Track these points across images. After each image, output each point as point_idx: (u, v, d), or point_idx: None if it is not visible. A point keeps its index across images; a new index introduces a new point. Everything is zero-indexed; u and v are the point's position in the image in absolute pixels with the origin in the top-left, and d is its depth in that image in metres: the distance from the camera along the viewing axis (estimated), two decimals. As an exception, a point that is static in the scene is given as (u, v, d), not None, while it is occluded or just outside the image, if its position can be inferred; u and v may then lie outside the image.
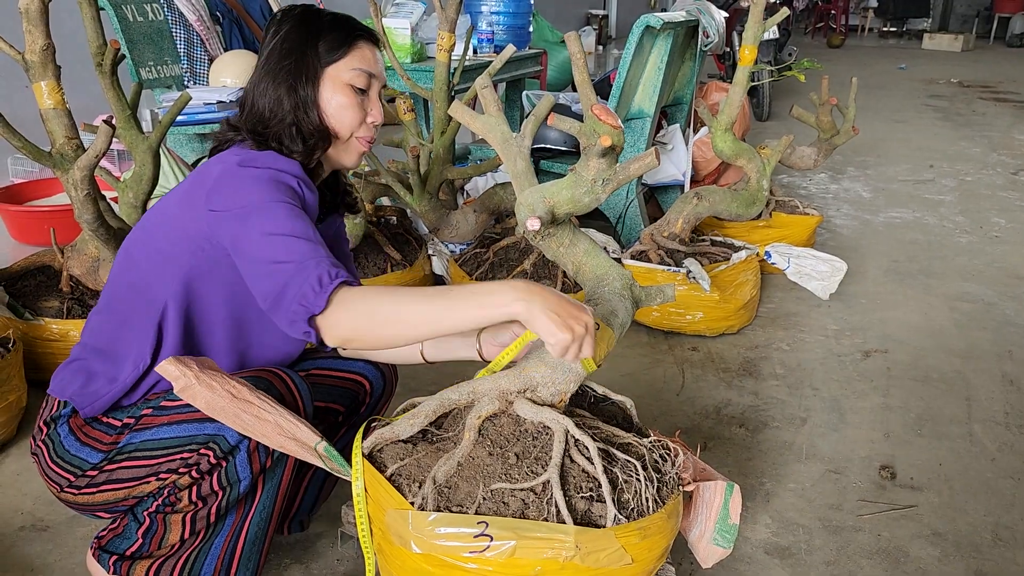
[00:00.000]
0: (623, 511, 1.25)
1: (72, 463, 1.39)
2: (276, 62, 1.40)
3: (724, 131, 2.81)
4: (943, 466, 2.00)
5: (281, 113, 1.39)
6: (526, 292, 1.15)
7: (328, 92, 1.40)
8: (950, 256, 3.52)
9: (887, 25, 15.49)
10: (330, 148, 1.44)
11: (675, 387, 2.38)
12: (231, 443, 1.29)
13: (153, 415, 1.35)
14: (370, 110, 1.44)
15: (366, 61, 1.42)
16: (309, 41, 1.39)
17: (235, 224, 1.25)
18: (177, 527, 1.36)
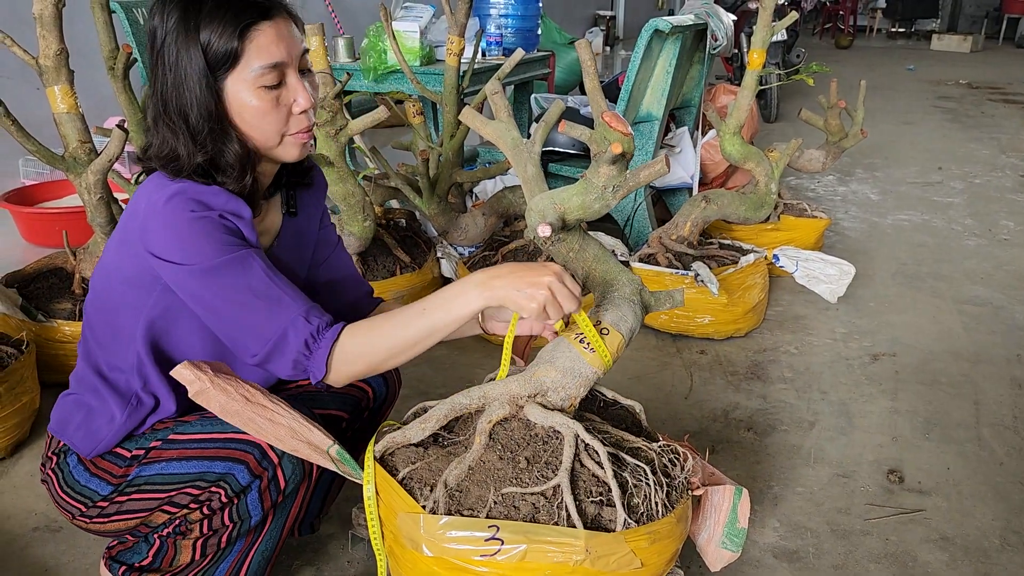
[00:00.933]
0: (633, 515, 1.26)
1: (82, 493, 1.37)
2: (162, 90, 1.21)
3: (732, 134, 2.82)
4: (951, 470, 2.00)
5: (188, 151, 1.21)
6: (484, 284, 1.20)
7: (235, 106, 1.21)
8: (959, 259, 3.52)
9: (895, 26, 15.44)
10: (262, 160, 1.30)
11: (683, 390, 2.38)
12: (242, 484, 1.29)
13: (162, 448, 1.33)
14: (294, 100, 1.24)
15: (268, 51, 1.19)
16: (191, 52, 1.17)
17: (191, 281, 1.19)
18: (188, 551, 1.38)
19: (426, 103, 3.76)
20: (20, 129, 2.06)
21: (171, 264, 1.18)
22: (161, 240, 1.18)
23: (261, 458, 1.30)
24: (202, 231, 1.17)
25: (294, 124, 1.26)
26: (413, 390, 2.34)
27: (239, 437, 1.30)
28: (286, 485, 1.33)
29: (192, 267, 1.17)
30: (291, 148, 1.28)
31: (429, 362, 2.54)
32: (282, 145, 1.27)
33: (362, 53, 3.29)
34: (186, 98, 1.19)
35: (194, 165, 1.21)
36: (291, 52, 1.21)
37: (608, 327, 1.35)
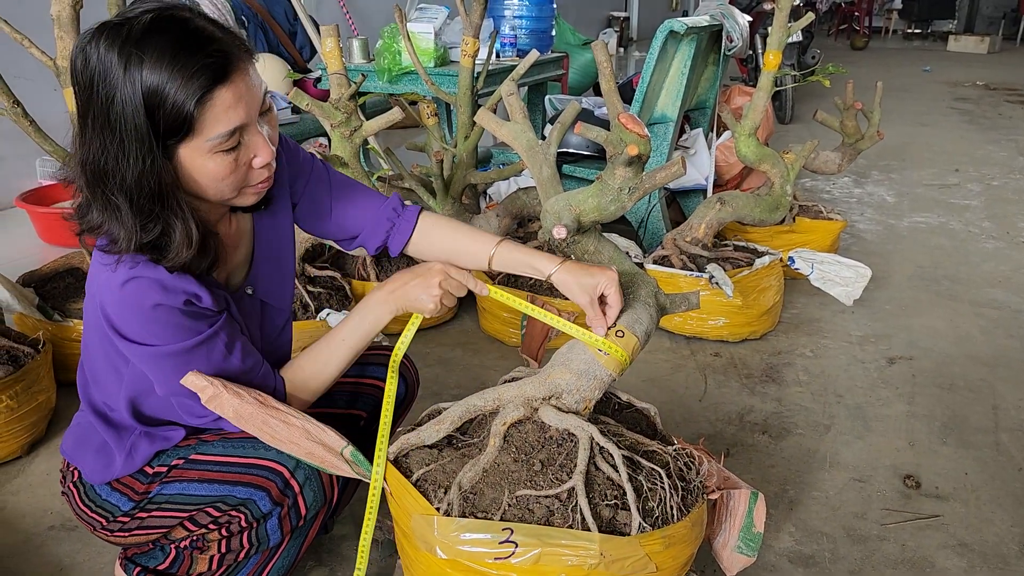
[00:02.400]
0: (648, 519, 1.25)
1: (104, 507, 1.37)
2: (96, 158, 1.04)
3: (748, 136, 2.80)
4: (969, 475, 1.98)
5: (128, 233, 1.08)
6: (385, 300, 1.35)
7: (188, 172, 1.09)
8: (976, 262, 3.49)
9: (911, 27, 15.35)
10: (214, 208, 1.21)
11: (697, 393, 2.37)
12: (263, 511, 1.30)
13: (184, 467, 1.33)
14: (255, 155, 1.13)
15: (226, 118, 1.05)
16: (134, 116, 1.01)
17: (152, 363, 1.19)
18: (204, 563, 1.39)
19: (440, 104, 3.77)
20: (38, 130, 2.07)
21: (132, 344, 1.17)
22: (124, 324, 1.15)
23: (283, 487, 1.30)
24: (166, 319, 1.14)
25: (254, 177, 1.16)
26: (427, 391, 2.34)
27: (261, 463, 1.30)
28: (307, 512, 1.34)
29: (154, 348, 1.17)
30: (248, 197, 1.19)
31: (442, 363, 2.54)
32: (240, 196, 1.18)
33: (376, 54, 3.30)
34: (127, 171, 1.04)
35: (136, 247, 1.09)
36: (250, 109, 1.09)
37: (623, 329, 1.35)
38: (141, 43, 1.00)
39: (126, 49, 1.00)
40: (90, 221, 1.11)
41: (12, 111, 2.01)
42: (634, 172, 1.27)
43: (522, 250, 1.41)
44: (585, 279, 1.34)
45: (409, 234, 1.49)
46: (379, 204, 1.48)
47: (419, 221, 1.50)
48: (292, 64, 4.16)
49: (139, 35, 1.00)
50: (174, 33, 1.01)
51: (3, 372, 1.95)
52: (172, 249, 1.11)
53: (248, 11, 4.07)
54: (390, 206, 1.49)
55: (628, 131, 1.22)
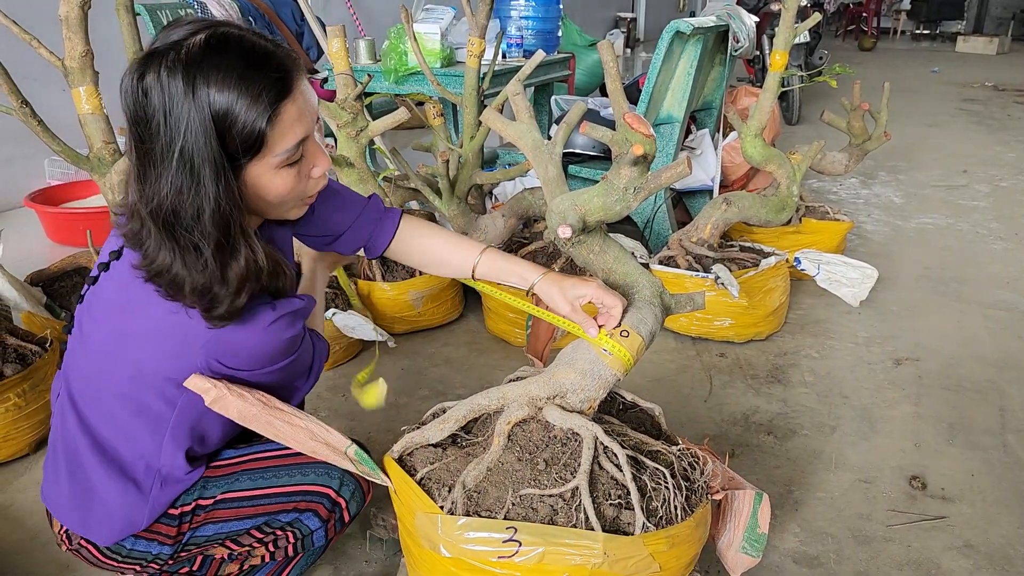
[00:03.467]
0: (651, 519, 1.25)
1: (133, 557, 1.30)
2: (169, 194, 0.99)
3: (754, 136, 2.80)
4: (975, 477, 1.98)
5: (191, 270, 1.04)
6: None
7: (253, 191, 1.08)
8: (984, 263, 3.47)
9: (920, 27, 15.29)
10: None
11: (702, 393, 2.37)
12: (311, 528, 1.32)
13: (214, 508, 1.29)
14: (314, 166, 1.14)
15: (294, 131, 1.05)
16: (211, 141, 0.98)
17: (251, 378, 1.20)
18: (235, 568, 1.41)
19: (446, 105, 3.77)
20: (46, 129, 2.08)
21: (238, 371, 1.16)
22: (246, 358, 1.13)
23: (331, 505, 1.33)
24: (288, 348, 1.17)
25: (312, 187, 1.16)
26: (432, 391, 2.34)
27: (304, 489, 1.30)
28: (350, 519, 1.38)
29: (260, 371, 1.18)
30: (302, 209, 1.20)
31: (448, 363, 2.55)
32: (296, 209, 1.18)
33: (383, 55, 3.30)
34: (204, 202, 1.00)
35: (197, 285, 1.04)
36: (311, 120, 1.09)
37: (628, 329, 1.35)
38: (203, 65, 0.97)
39: (190, 72, 0.96)
40: (159, 264, 1.04)
41: (20, 111, 2.02)
42: (640, 172, 1.27)
43: (506, 259, 1.44)
44: (568, 290, 1.37)
45: (391, 235, 1.49)
46: (362, 205, 1.48)
47: (401, 224, 1.50)
48: (299, 65, 4.17)
49: (199, 57, 0.97)
50: (234, 52, 0.99)
51: (11, 370, 1.96)
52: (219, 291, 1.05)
53: (255, 12, 4.08)
54: (373, 207, 1.49)
55: (634, 131, 1.22)
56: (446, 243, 1.49)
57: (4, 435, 1.95)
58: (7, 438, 1.96)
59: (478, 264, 1.45)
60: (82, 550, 1.32)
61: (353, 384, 1.55)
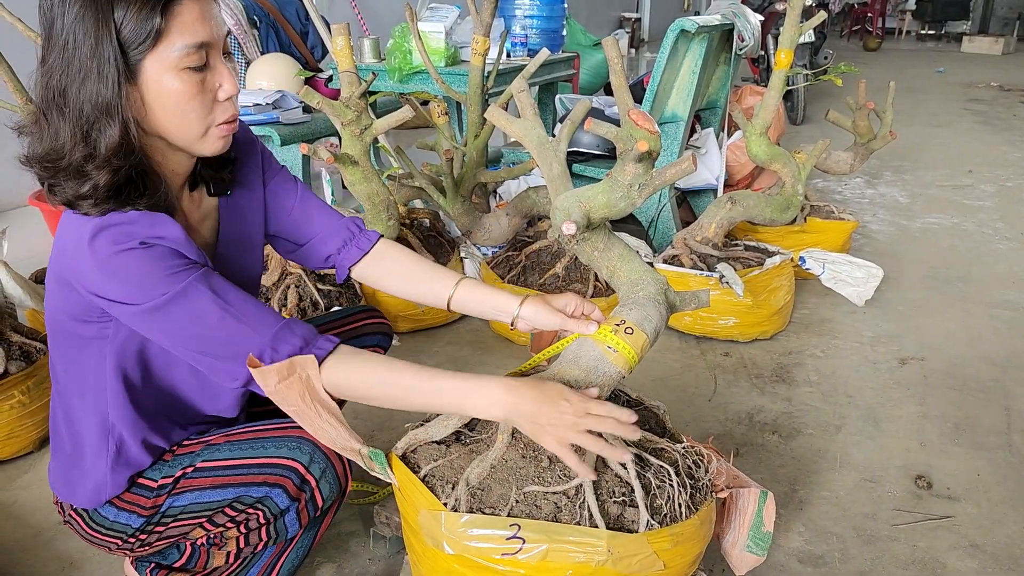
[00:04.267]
0: (656, 516, 1.25)
1: (114, 529, 1.32)
2: (63, 73, 1.03)
3: (759, 135, 2.79)
4: (981, 476, 1.97)
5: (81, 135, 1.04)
6: (509, 404, 1.16)
7: (154, 93, 1.06)
8: (989, 263, 3.46)
9: (925, 28, 15.25)
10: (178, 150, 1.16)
11: (707, 392, 2.36)
12: (281, 507, 1.30)
13: (194, 476, 1.30)
14: (220, 84, 1.11)
15: (193, 29, 1.05)
16: (101, 25, 1.00)
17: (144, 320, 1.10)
18: (221, 557, 1.40)
19: (451, 103, 3.77)
20: (51, 127, 2.09)
21: (119, 304, 1.08)
22: (98, 281, 1.07)
23: (300, 482, 1.30)
24: (139, 265, 1.06)
25: (220, 112, 1.13)
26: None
27: (274, 461, 1.29)
28: (323, 503, 1.34)
29: (139, 306, 1.07)
30: (215, 141, 1.15)
31: (452, 362, 2.54)
32: (206, 137, 1.14)
33: (388, 54, 3.30)
34: (88, 85, 1.02)
35: (74, 160, 1.05)
36: (216, 33, 1.09)
37: (632, 326, 1.35)
38: None
39: None
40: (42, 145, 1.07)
41: (26, 108, 2.02)
42: (644, 169, 1.27)
43: (482, 290, 1.43)
44: (553, 302, 1.40)
45: (365, 252, 1.47)
46: (339, 218, 1.47)
47: (377, 244, 1.49)
48: (304, 64, 4.17)
49: None
50: None
51: (15, 368, 1.96)
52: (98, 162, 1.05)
53: (260, 11, 4.09)
54: (351, 222, 1.48)
55: (638, 127, 1.22)
56: (422, 268, 1.48)
57: (8, 432, 1.95)
58: (11, 435, 1.96)
59: (453, 295, 1.44)
60: (73, 521, 1.34)
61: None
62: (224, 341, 1.11)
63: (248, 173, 1.37)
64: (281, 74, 3.60)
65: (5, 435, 1.95)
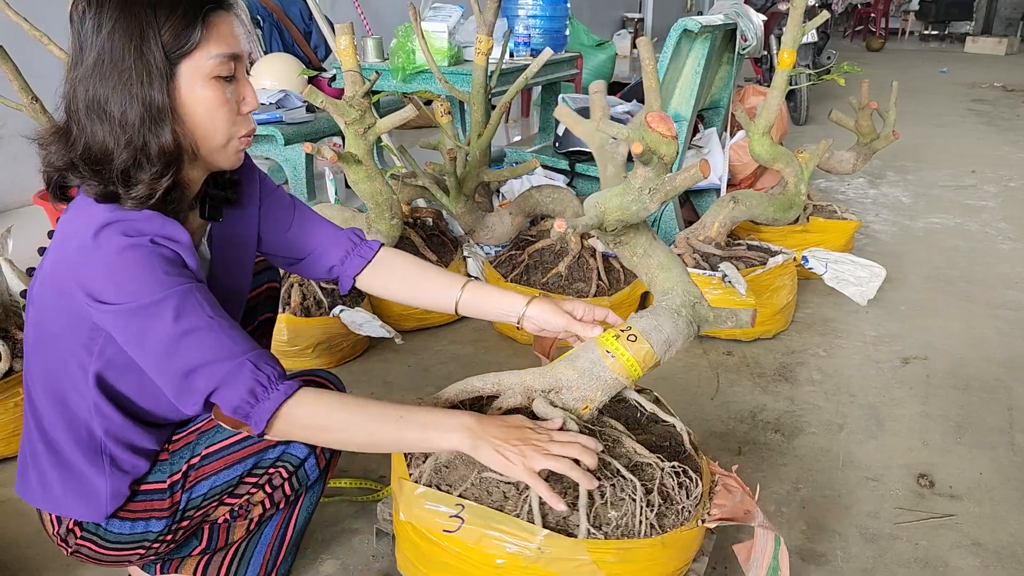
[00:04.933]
0: (605, 527, 1.23)
1: (133, 540, 1.30)
2: (101, 78, 1.05)
3: (761, 135, 2.79)
4: (984, 475, 1.97)
5: (126, 139, 1.07)
6: (473, 434, 1.16)
7: (186, 98, 1.10)
8: (992, 263, 3.46)
9: (928, 28, 15.22)
10: (200, 161, 1.18)
11: (709, 391, 2.37)
12: (301, 457, 1.32)
13: (202, 466, 1.29)
14: (243, 99, 1.17)
15: (227, 41, 1.11)
16: (146, 32, 1.04)
17: (125, 321, 1.08)
18: (242, 528, 1.42)
19: (453, 103, 3.77)
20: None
21: (105, 305, 1.07)
22: (95, 278, 1.07)
23: None
24: (137, 263, 1.06)
25: (242, 125, 1.17)
26: (438, 387, 2.34)
27: None
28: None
29: (125, 306, 1.06)
30: (233, 153, 1.18)
31: (455, 360, 2.55)
32: (226, 148, 1.17)
33: (391, 53, 3.31)
34: (134, 90, 1.06)
35: (120, 165, 1.08)
36: (242, 46, 1.16)
37: (636, 334, 1.33)
38: None
39: None
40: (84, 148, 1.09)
41: (31, 107, 2.03)
42: (655, 173, 1.25)
43: (489, 292, 1.44)
44: (560, 303, 1.42)
45: (368, 260, 1.47)
46: (339, 229, 1.49)
47: (380, 252, 1.50)
48: (307, 64, 4.18)
49: None
50: None
51: (20, 365, 1.97)
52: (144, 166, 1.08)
53: (263, 11, 4.10)
54: (351, 232, 1.50)
55: (651, 130, 1.20)
56: (427, 274, 1.48)
57: (14, 430, 1.96)
58: (16, 432, 1.97)
59: (460, 299, 1.44)
60: (83, 549, 1.31)
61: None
62: (209, 351, 1.09)
63: (245, 197, 1.38)
64: (284, 74, 3.62)
65: (10, 432, 1.96)
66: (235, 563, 1.45)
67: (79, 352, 1.18)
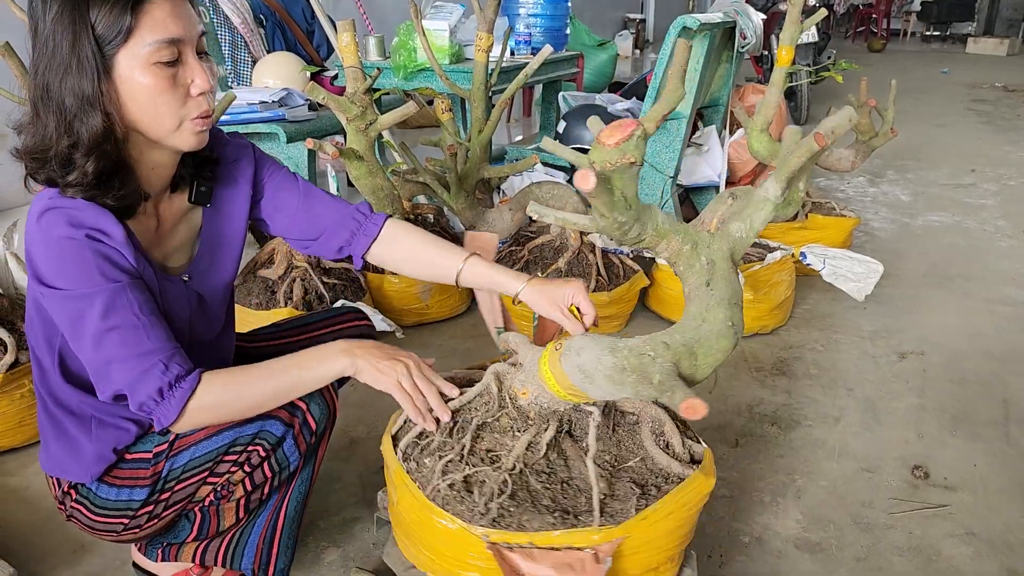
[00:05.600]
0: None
1: (118, 508, 1.35)
2: (47, 69, 1.09)
3: (760, 131, 2.81)
4: (978, 467, 1.99)
5: (65, 126, 1.10)
6: (351, 355, 1.29)
7: (127, 87, 1.11)
8: (991, 260, 3.48)
9: (930, 29, 15.24)
10: (154, 144, 1.19)
11: (707, 384, 2.39)
12: (277, 435, 1.33)
13: (187, 435, 1.33)
14: (192, 80, 1.16)
15: (163, 26, 1.10)
16: (77, 22, 1.06)
17: (59, 306, 1.14)
18: (231, 513, 1.42)
19: (454, 101, 3.80)
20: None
21: (43, 287, 1.14)
22: (38, 259, 1.13)
23: (291, 408, 1.34)
24: (74, 255, 1.12)
25: (192, 107, 1.17)
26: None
27: None
28: (316, 426, 1.38)
29: (62, 292, 1.13)
30: (189, 135, 1.19)
31: (456, 355, 2.57)
32: (179, 131, 1.17)
33: (392, 51, 3.34)
34: (69, 79, 1.09)
35: (60, 151, 1.11)
36: (188, 30, 1.14)
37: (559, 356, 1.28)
38: None
39: None
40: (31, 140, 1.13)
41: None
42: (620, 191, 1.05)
43: (490, 267, 1.48)
44: (554, 292, 1.43)
45: (373, 238, 1.51)
46: (345, 207, 1.52)
47: (385, 227, 1.52)
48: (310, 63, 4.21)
49: None
50: None
51: (26, 357, 2.00)
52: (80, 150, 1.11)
53: (266, 10, 4.12)
54: (357, 209, 1.53)
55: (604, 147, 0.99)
56: (431, 247, 1.52)
57: (19, 420, 1.99)
58: (22, 423, 2.00)
59: (462, 270, 1.48)
60: (76, 513, 1.37)
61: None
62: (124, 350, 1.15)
63: (236, 172, 1.42)
64: (287, 72, 3.64)
65: (16, 423, 1.99)
66: (231, 550, 1.47)
67: (47, 329, 1.26)
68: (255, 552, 1.48)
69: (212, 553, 1.48)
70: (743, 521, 1.78)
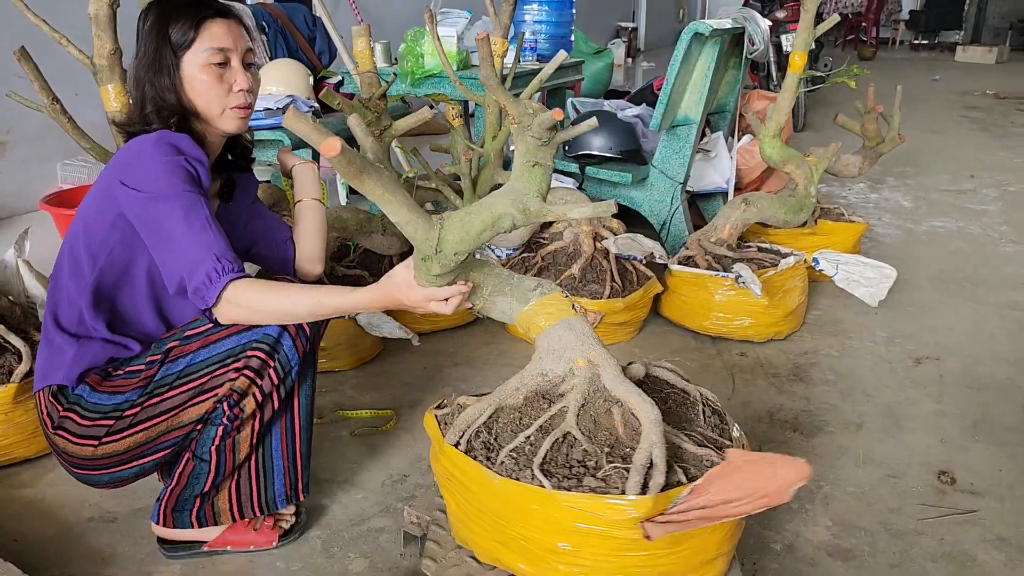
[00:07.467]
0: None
1: (106, 410, 1.46)
2: (141, 65, 1.50)
3: (772, 137, 2.82)
4: (1003, 472, 1.98)
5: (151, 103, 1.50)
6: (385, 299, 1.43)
7: (188, 77, 1.49)
8: (997, 265, 3.49)
9: (919, 37, 15.37)
10: (208, 124, 1.52)
11: (726, 391, 2.38)
12: (275, 336, 1.46)
13: (182, 344, 1.47)
14: (234, 80, 1.52)
15: (216, 39, 1.49)
16: (161, 35, 1.47)
17: (143, 206, 1.39)
18: (246, 443, 1.53)
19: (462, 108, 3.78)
20: (75, 127, 2.09)
21: (132, 191, 1.39)
22: (136, 171, 1.40)
23: None
24: (170, 169, 1.40)
25: (233, 99, 1.51)
26: (456, 390, 2.35)
27: None
28: (311, 330, 1.52)
29: (149, 194, 1.38)
30: (231, 119, 1.52)
31: (469, 363, 2.55)
32: (224, 116, 1.52)
33: (400, 57, 3.32)
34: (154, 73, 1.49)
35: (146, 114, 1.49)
36: (235, 43, 1.51)
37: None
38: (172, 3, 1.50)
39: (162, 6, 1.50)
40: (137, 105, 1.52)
41: (51, 107, 2.02)
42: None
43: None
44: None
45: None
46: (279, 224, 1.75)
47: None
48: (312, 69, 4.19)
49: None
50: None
51: (40, 366, 1.96)
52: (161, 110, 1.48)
53: (269, 17, 4.10)
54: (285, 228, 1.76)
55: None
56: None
57: (34, 430, 1.95)
58: (36, 433, 1.96)
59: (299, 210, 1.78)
60: (67, 425, 1.47)
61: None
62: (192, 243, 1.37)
63: (244, 196, 1.72)
64: (290, 78, 3.61)
65: (30, 433, 1.95)
66: (261, 482, 1.60)
67: (95, 246, 1.46)
68: (283, 476, 1.61)
69: (246, 495, 1.60)
70: (773, 528, 1.77)
